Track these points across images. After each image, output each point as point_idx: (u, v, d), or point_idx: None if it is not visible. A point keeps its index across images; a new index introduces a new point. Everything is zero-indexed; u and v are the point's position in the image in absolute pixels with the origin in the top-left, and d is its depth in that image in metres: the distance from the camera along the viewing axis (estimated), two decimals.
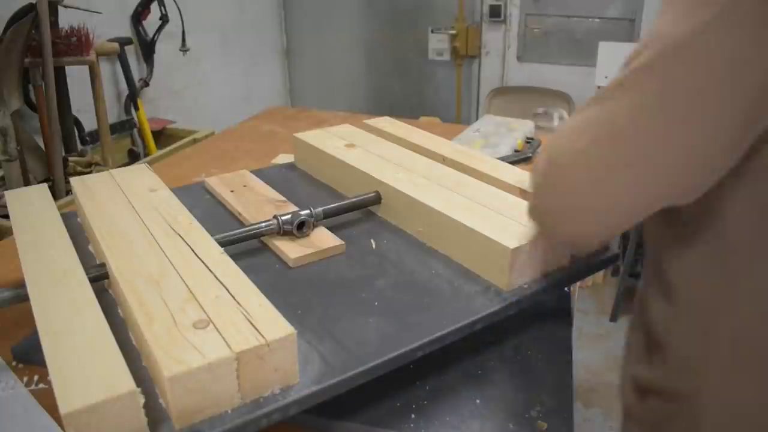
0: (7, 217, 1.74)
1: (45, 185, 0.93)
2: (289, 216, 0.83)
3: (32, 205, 0.85)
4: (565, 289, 0.91)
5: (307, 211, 0.84)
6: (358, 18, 3.41)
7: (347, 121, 1.27)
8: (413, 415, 0.69)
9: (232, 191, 1.00)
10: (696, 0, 0.48)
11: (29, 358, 0.76)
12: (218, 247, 0.71)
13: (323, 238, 0.84)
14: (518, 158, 1.24)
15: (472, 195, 0.86)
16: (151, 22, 2.54)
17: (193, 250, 0.69)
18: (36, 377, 0.73)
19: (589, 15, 2.89)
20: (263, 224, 0.83)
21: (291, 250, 0.81)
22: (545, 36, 3.04)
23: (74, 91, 2.09)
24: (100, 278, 0.70)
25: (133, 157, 2.46)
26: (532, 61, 3.10)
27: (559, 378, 0.75)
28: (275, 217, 0.83)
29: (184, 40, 2.60)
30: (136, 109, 2.49)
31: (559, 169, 0.56)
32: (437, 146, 1.07)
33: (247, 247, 0.84)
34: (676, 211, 0.59)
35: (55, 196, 1.71)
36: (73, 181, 0.92)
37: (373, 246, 0.85)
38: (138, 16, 2.52)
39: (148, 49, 2.55)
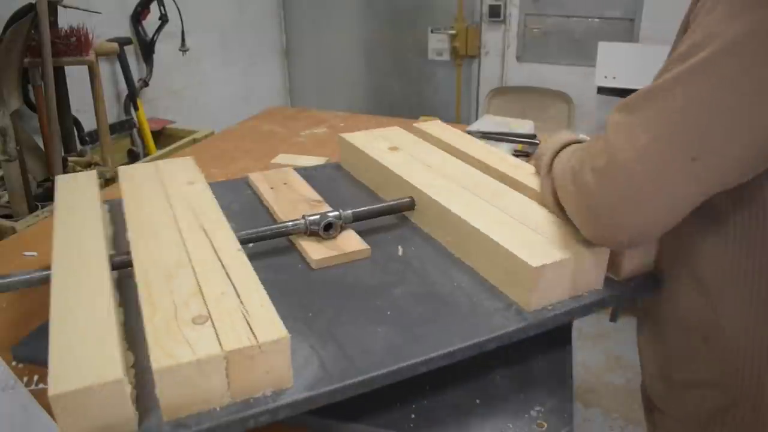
0: (7, 217, 1.74)
1: (94, 171, 0.97)
2: (316, 217, 0.82)
3: (77, 190, 0.87)
4: None
5: (336, 213, 0.84)
6: (358, 18, 3.41)
7: (347, 121, 1.27)
8: (413, 415, 0.69)
9: (271, 188, 1.00)
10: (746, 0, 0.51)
11: (29, 358, 0.76)
12: (236, 244, 0.70)
13: (349, 242, 0.83)
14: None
15: (507, 207, 0.81)
16: (151, 22, 2.53)
17: (212, 245, 0.69)
18: (36, 377, 0.73)
19: (589, 15, 2.89)
20: (290, 223, 0.83)
21: (315, 251, 0.80)
22: (545, 36, 3.03)
23: (74, 91, 2.09)
24: (125, 265, 0.70)
25: (132, 158, 2.46)
26: (532, 61, 3.10)
27: (559, 378, 0.75)
28: (303, 216, 0.83)
29: (183, 40, 2.60)
30: (136, 109, 2.49)
31: (621, 167, 0.57)
32: (484, 155, 1.01)
33: (277, 244, 0.84)
34: (712, 203, 0.61)
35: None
36: (120, 170, 0.96)
37: (400, 253, 0.83)
38: (137, 16, 2.51)
39: (147, 49, 2.55)
